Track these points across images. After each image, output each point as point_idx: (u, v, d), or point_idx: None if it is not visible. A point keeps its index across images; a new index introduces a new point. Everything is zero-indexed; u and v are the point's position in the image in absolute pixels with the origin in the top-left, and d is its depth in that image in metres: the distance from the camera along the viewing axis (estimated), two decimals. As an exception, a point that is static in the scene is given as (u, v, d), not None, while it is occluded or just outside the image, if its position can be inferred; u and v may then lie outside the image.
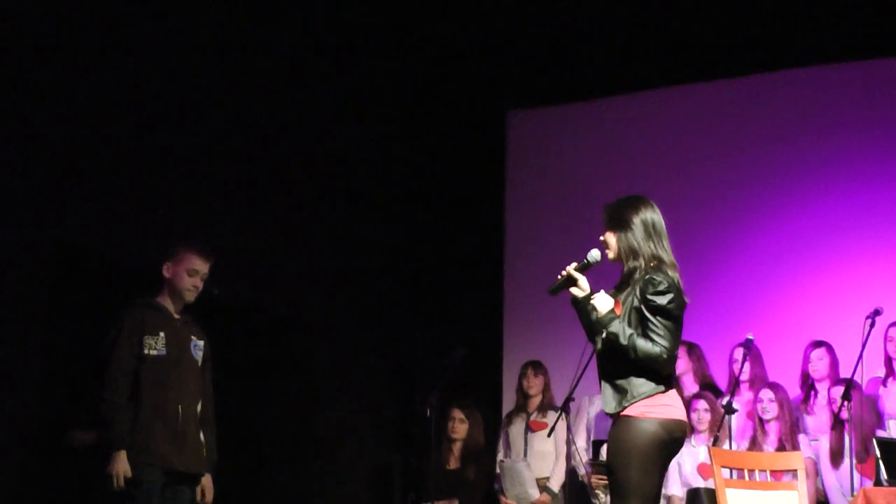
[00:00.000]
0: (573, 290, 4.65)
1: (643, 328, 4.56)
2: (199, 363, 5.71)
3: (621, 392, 4.57)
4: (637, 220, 4.67)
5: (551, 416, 7.83)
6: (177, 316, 5.69)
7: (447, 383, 7.47)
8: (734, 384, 7.42)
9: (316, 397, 8.51)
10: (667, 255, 4.67)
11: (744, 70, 8.52)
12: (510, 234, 9.30)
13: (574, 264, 4.66)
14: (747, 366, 7.35)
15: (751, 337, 7.17)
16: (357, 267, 8.96)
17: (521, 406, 8.08)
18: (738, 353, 7.38)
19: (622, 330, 4.56)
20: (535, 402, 8.06)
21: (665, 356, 4.56)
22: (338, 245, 8.79)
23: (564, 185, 9.08)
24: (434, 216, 9.48)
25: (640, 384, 4.55)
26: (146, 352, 5.53)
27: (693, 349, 7.69)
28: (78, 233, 6.75)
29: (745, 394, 7.46)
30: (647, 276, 4.59)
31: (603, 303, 4.62)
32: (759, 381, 7.42)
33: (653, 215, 4.70)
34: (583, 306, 4.64)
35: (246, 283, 7.70)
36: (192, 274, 5.66)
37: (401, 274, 9.42)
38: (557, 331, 8.10)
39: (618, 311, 4.61)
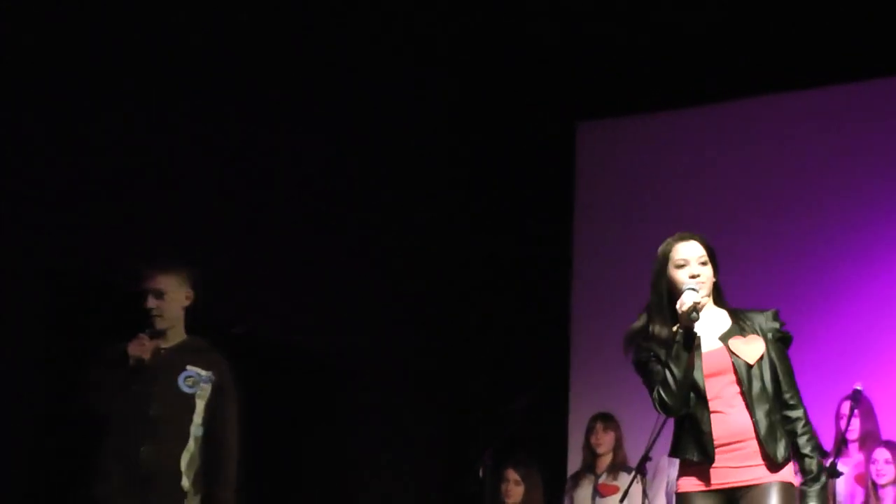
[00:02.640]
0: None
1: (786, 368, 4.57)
2: (202, 400, 5.37)
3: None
4: None
5: (624, 479, 7.45)
6: (161, 347, 5.37)
7: (504, 439, 7.19)
8: (840, 443, 7.00)
9: (353, 453, 8.48)
10: None
11: (852, 75, 8.34)
12: (578, 265, 9.19)
13: (692, 293, 4.54)
14: (856, 422, 7.03)
15: (859, 388, 6.86)
16: (401, 302, 8.91)
17: (589, 466, 7.77)
18: (846, 408, 7.01)
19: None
20: (605, 461, 7.72)
21: None
22: (380, 276, 8.77)
23: (639, 207, 8.93)
24: (492, 243, 9.37)
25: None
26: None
27: None
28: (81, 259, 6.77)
29: (855, 455, 7.11)
30: (761, 311, 4.62)
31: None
32: (872, 439, 7.09)
33: None
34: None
35: (273, 320, 7.74)
36: (156, 296, 5.36)
37: (452, 311, 9.33)
38: (632, 377, 7.27)
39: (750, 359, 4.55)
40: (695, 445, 4.50)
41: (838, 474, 6.61)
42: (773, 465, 4.40)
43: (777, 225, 8.46)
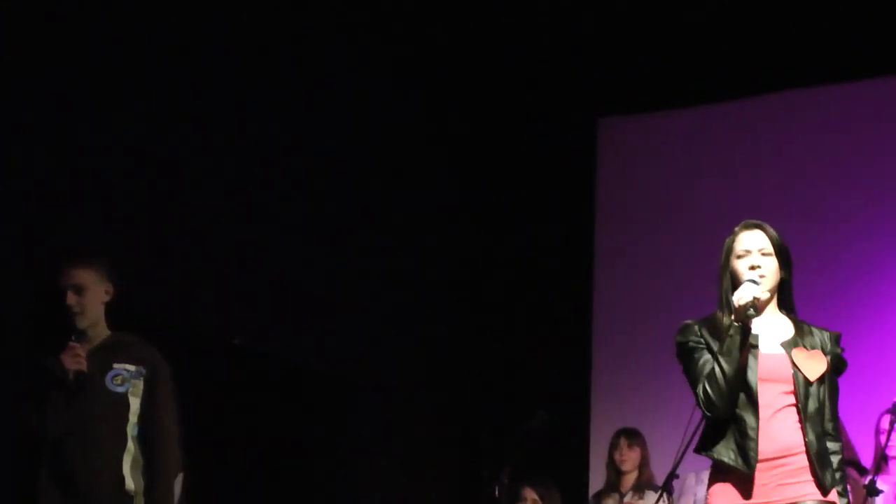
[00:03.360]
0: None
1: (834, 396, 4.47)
2: (136, 397, 5.28)
3: None
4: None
5: (650, 498, 7.40)
6: (74, 342, 5.27)
7: (522, 456, 7.14)
8: (880, 459, 6.77)
9: (365, 472, 8.37)
10: None
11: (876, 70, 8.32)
12: (600, 272, 9.10)
13: (750, 286, 4.38)
14: None
15: None
16: (411, 311, 8.81)
17: (613, 484, 7.67)
18: (886, 422, 6.74)
19: None
20: (630, 479, 7.62)
21: None
22: (387, 283, 8.66)
23: (663, 207, 8.89)
24: (510, 247, 9.32)
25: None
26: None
27: None
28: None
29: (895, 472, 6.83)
30: (825, 330, 4.51)
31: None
32: None
33: None
34: None
35: (275, 331, 7.67)
36: (65, 289, 5.24)
37: (468, 322, 9.24)
38: (658, 392, 8.02)
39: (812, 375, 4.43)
40: (736, 449, 4.32)
41: (878, 492, 6.33)
42: (823, 489, 4.28)
43: (809, 226, 8.27)
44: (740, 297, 4.27)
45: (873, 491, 6.31)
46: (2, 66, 6.55)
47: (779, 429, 4.28)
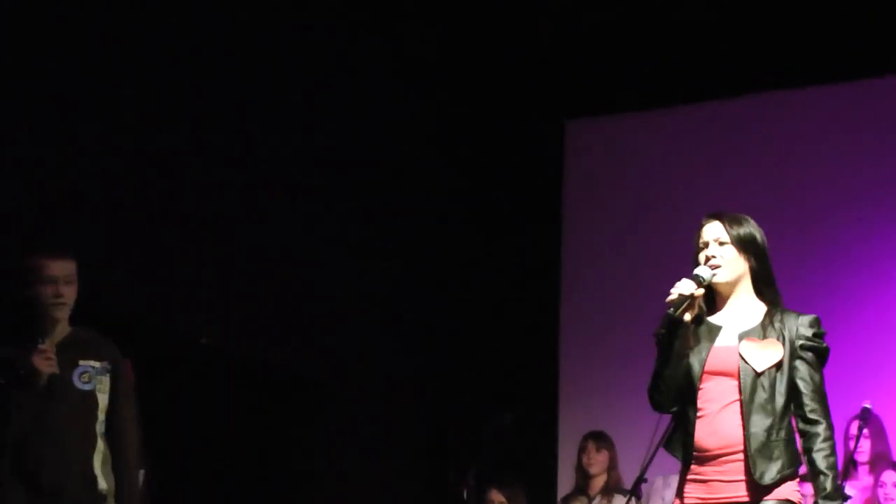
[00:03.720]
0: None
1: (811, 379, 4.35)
2: (102, 394, 5.17)
3: None
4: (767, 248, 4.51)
5: (618, 501, 7.43)
6: (43, 344, 5.15)
7: (488, 458, 7.30)
8: (848, 465, 6.90)
9: (326, 472, 8.31)
10: None
11: (848, 74, 8.27)
12: (567, 273, 9.05)
13: (688, 282, 4.33)
14: (866, 443, 6.92)
15: (868, 406, 6.76)
16: (379, 314, 8.79)
17: (581, 488, 7.65)
18: (854, 427, 6.89)
19: None
20: (599, 482, 7.61)
21: None
22: (358, 286, 8.62)
23: (631, 208, 8.88)
24: (478, 249, 9.28)
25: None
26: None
27: None
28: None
29: (864, 478, 6.99)
30: (802, 315, 4.38)
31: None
32: (882, 460, 6.98)
33: None
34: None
35: (238, 331, 7.60)
36: (48, 282, 5.09)
37: (432, 321, 9.15)
38: (626, 394, 7.72)
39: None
40: (681, 445, 4.34)
41: (846, 498, 6.22)
42: (756, 488, 4.18)
43: (775, 229, 8.16)
44: (671, 291, 4.26)
45: (842, 497, 5.93)
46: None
47: (722, 423, 4.21)
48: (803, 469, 4.27)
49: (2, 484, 5.00)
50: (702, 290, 4.31)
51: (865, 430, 6.76)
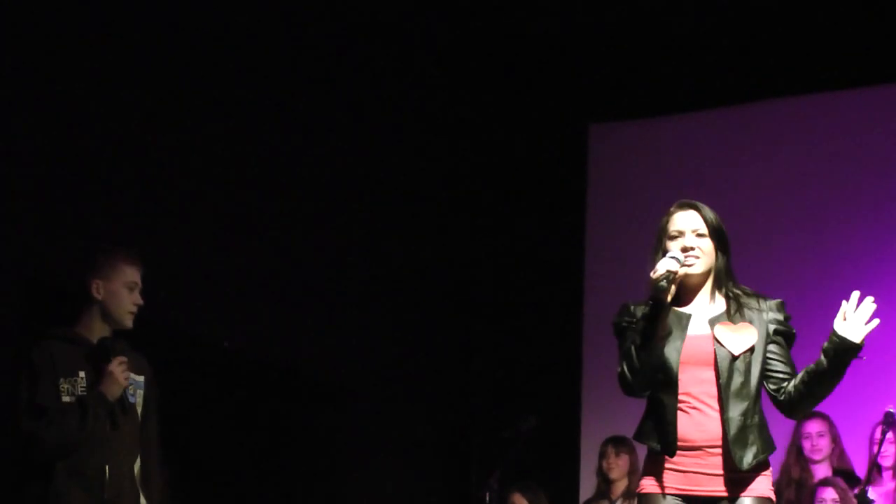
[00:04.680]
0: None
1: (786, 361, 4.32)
2: (139, 406, 5.12)
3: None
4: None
5: None
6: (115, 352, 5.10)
7: (511, 462, 7.21)
8: (872, 469, 6.75)
9: (348, 475, 8.29)
10: None
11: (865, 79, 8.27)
12: (590, 276, 9.03)
13: (672, 261, 4.29)
14: (890, 447, 6.83)
15: (892, 410, 6.57)
16: (403, 316, 8.77)
17: (602, 492, 7.63)
18: (878, 433, 6.76)
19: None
20: (620, 487, 7.56)
21: None
22: (378, 288, 8.63)
23: (654, 212, 8.73)
24: (501, 252, 9.29)
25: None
26: (63, 399, 4.90)
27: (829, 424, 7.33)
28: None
29: (888, 483, 6.90)
30: (768, 299, 4.37)
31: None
32: None
33: None
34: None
35: (260, 335, 7.57)
36: (132, 289, 5.04)
37: (454, 324, 9.22)
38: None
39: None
40: (657, 433, 4.27)
41: (869, 502, 6.33)
42: (735, 476, 4.17)
43: (798, 233, 8.35)
44: (656, 269, 4.19)
45: (865, 501, 6.30)
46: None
47: (700, 415, 4.19)
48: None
49: (61, 487, 4.89)
50: (683, 272, 4.26)
51: (889, 435, 6.67)
